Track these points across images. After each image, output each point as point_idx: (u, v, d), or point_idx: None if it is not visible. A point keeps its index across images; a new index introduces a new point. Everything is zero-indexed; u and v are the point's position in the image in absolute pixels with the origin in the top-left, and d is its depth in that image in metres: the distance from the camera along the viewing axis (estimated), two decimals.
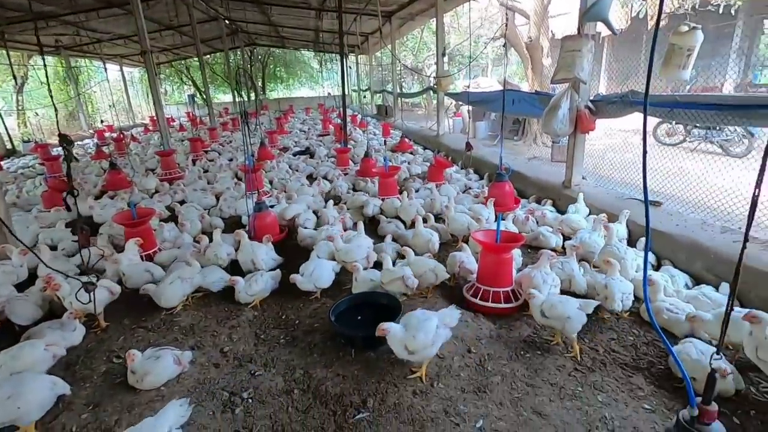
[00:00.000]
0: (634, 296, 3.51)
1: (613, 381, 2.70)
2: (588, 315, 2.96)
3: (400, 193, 6.34)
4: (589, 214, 5.07)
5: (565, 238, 4.76)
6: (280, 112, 22.04)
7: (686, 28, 3.69)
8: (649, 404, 2.49)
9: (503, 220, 4.99)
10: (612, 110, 4.94)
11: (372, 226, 5.54)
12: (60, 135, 3.17)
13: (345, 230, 4.95)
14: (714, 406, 1.34)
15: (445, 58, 10.34)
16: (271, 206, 5.65)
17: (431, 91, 12.41)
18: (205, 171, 9.19)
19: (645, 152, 1.52)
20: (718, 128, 9.27)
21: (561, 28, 13.65)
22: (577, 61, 4.77)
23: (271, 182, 7.87)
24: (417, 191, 6.53)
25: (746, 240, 1.33)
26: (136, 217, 4.71)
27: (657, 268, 3.97)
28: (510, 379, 2.72)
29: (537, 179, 6.49)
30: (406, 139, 11.28)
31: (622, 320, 3.35)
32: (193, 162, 10.08)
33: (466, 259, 3.90)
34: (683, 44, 3.71)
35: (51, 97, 3.92)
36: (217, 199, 6.88)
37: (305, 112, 24.90)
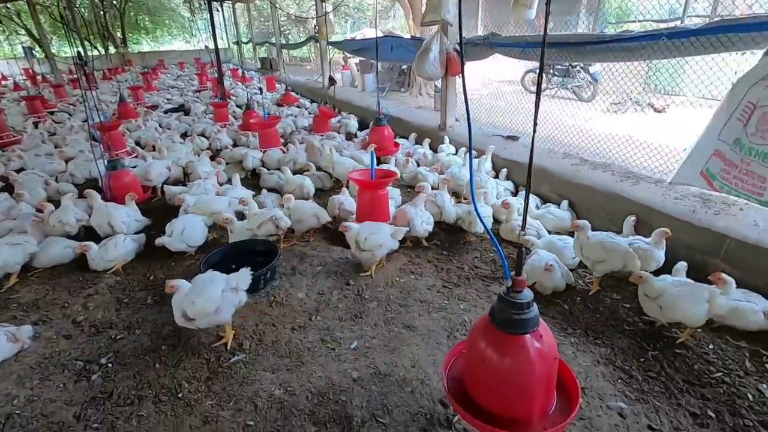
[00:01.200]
0: (494, 219, 3.92)
1: (474, 291, 3.03)
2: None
3: (285, 145, 6.14)
4: (456, 153, 5.45)
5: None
6: (147, 68, 19.34)
7: None
8: None
9: (385, 163, 5.16)
10: (476, 52, 5.22)
11: (255, 180, 5.28)
12: None
13: (221, 185, 4.65)
14: (524, 276, 1.55)
15: (326, 5, 9.90)
16: (133, 166, 5.04)
17: (314, 41, 11.88)
18: (52, 134, 7.78)
19: (465, 85, 1.61)
20: (570, 76, 10.50)
21: None
22: (444, 2, 4.88)
23: (138, 142, 6.99)
24: (301, 143, 6.34)
25: (533, 146, 1.51)
26: None
27: (516, 193, 4.46)
28: (385, 303, 2.88)
29: (418, 124, 6.73)
30: (292, 93, 10.78)
31: (485, 241, 3.73)
32: (35, 125, 8.46)
33: (345, 200, 3.94)
34: None
35: None
36: (67, 163, 5.91)
37: (179, 67, 22.24)
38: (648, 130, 6.61)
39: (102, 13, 23.45)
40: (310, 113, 8.96)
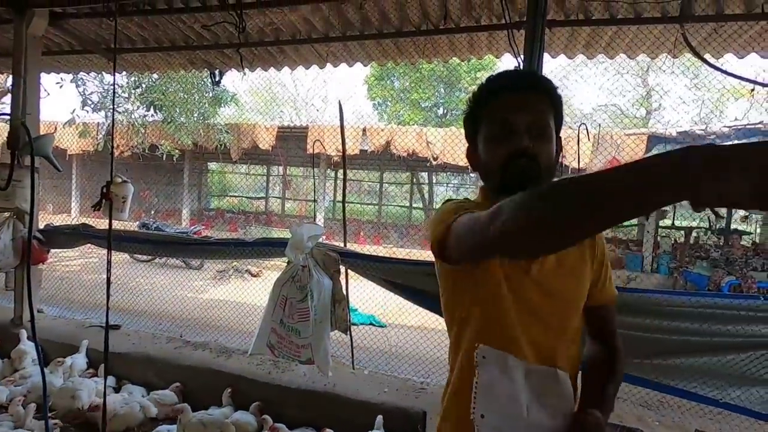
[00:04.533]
0: None
1: None
2: None
3: None
4: (42, 351, 4.69)
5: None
6: None
7: (120, 180, 4.52)
8: None
9: None
10: (65, 241, 5.01)
11: None
12: None
13: None
14: None
15: None
16: None
17: None
18: None
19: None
20: None
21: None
22: (19, 192, 4.56)
23: None
24: None
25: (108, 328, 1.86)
26: None
27: (119, 389, 4.25)
28: None
29: None
30: None
31: None
32: None
33: None
34: (119, 193, 4.49)
35: None
36: None
37: None
38: (249, 293, 8.07)
39: None
40: None
